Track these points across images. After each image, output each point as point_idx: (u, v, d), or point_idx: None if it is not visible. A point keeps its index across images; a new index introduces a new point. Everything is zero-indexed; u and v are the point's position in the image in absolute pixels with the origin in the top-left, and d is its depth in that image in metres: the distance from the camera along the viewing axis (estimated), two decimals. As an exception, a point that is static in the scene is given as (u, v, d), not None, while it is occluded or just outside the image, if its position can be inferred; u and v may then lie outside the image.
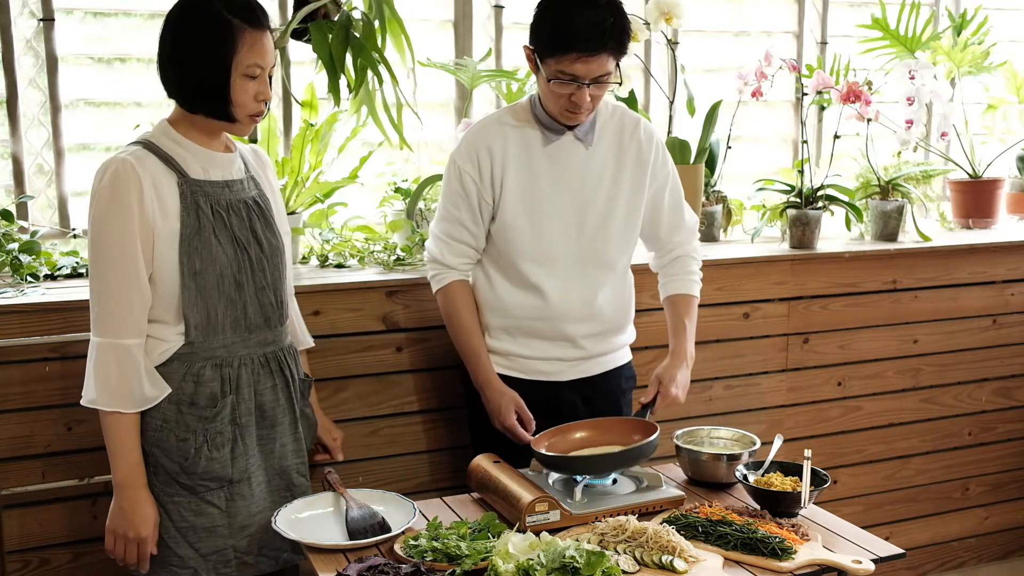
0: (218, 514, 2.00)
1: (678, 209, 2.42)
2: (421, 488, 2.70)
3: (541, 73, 2.16)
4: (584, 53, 2.07)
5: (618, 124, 2.32)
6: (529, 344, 2.33)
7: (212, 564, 2.01)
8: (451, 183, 2.29)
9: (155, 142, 1.95)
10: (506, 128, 2.27)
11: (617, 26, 2.09)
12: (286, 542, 2.06)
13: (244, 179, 2.05)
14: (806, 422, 3.17)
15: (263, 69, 1.92)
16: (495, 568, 1.69)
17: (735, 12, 3.52)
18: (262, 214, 2.05)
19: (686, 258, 2.44)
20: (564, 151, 2.27)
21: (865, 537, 1.93)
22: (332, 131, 2.83)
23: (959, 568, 3.53)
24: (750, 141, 3.52)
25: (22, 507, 2.36)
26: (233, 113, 1.93)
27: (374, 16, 2.63)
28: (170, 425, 1.96)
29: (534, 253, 2.27)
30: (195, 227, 1.93)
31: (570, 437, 2.21)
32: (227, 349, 1.99)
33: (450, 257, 2.32)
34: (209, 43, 1.87)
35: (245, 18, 1.89)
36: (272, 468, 2.08)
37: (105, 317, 1.90)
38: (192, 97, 1.93)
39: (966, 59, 3.56)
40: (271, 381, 2.07)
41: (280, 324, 2.10)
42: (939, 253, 3.24)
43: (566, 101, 2.15)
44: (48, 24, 2.68)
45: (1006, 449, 3.50)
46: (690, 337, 2.38)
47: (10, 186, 2.73)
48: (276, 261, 2.07)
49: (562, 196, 2.26)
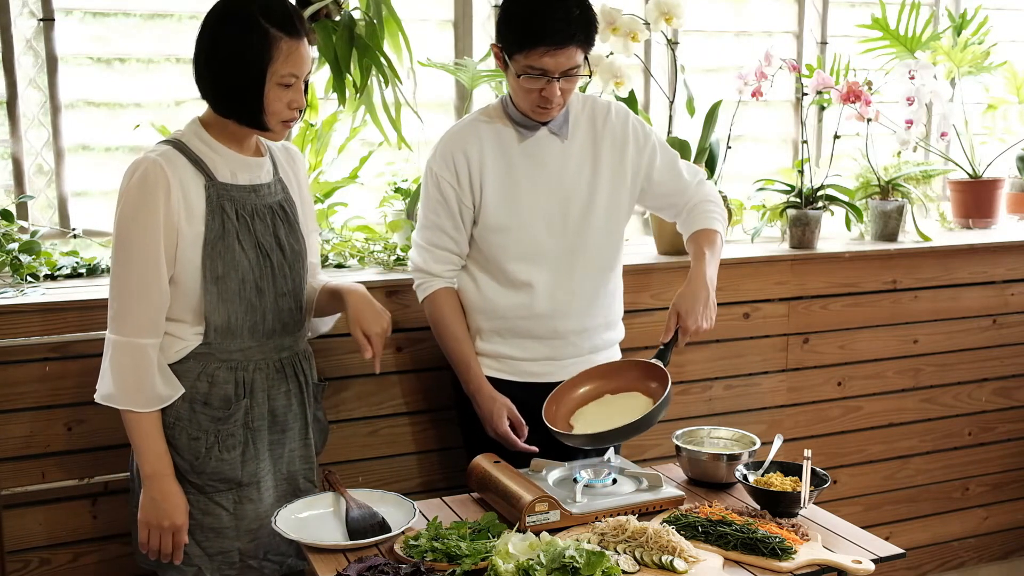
0: (226, 515, 2.01)
1: (675, 173, 2.37)
2: (421, 488, 2.70)
3: (510, 70, 2.16)
4: (552, 47, 2.07)
5: (590, 113, 2.31)
6: (520, 345, 2.32)
7: (217, 564, 2.01)
8: (429, 190, 2.29)
9: (186, 143, 1.95)
10: (480, 130, 2.26)
11: (583, 18, 2.10)
12: (291, 547, 2.06)
13: (272, 182, 2.05)
14: (806, 422, 3.17)
15: (298, 78, 1.91)
16: (495, 568, 1.69)
17: (735, 12, 3.52)
18: (286, 219, 2.05)
19: (700, 203, 2.37)
20: (541, 146, 2.26)
21: (865, 537, 1.93)
22: (332, 131, 2.83)
23: (959, 568, 3.53)
24: (750, 141, 3.52)
25: (22, 507, 2.36)
26: (266, 121, 1.92)
27: (372, 16, 2.63)
28: (182, 423, 1.97)
29: (520, 252, 2.27)
30: (219, 232, 1.93)
31: (575, 394, 2.18)
32: (243, 353, 1.99)
33: (434, 265, 2.32)
34: (246, 52, 1.86)
35: (283, 27, 1.88)
36: (280, 473, 2.09)
37: (123, 315, 1.91)
38: (225, 103, 1.93)
39: (966, 59, 3.55)
40: (285, 386, 2.07)
41: (298, 329, 2.10)
42: (939, 253, 3.24)
43: (536, 96, 2.15)
44: (48, 24, 2.68)
45: (1006, 449, 3.50)
46: (710, 263, 2.25)
47: (10, 186, 2.73)
48: (298, 267, 2.07)
49: (543, 192, 2.26)
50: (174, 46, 2.81)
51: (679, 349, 2.20)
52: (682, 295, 2.21)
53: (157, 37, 2.80)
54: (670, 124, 3.11)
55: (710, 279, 2.23)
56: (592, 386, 2.21)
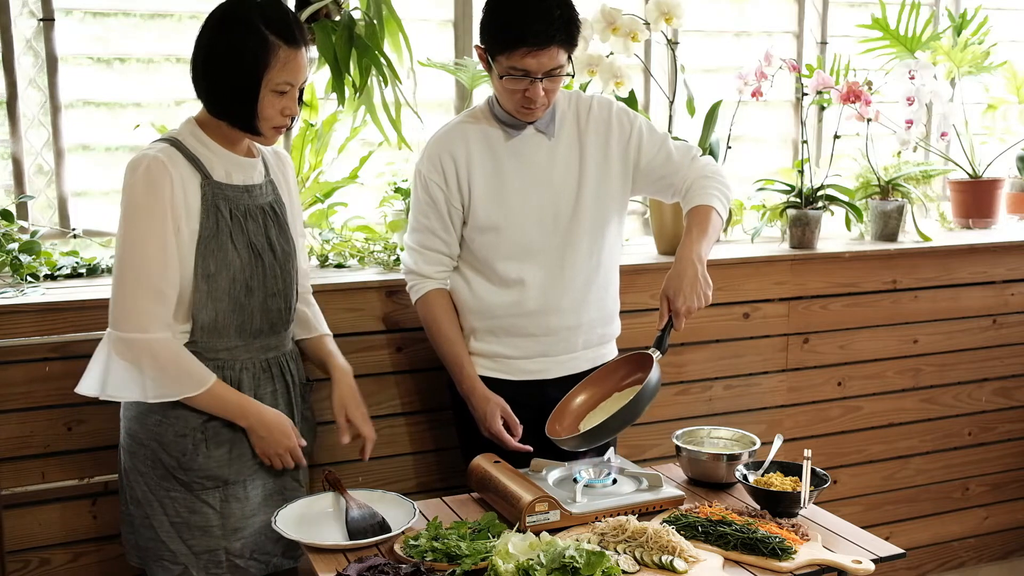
0: (212, 514, 2.01)
1: (665, 154, 2.33)
2: (421, 488, 2.70)
3: (494, 71, 2.16)
4: (534, 47, 2.07)
5: (575, 109, 2.31)
6: (514, 343, 2.32)
7: (203, 563, 2.01)
8: (418, 193, 2.30)
9: (182, 141, 1.95)
10: (467, 131, 2.27)
11: (565, 18, 2.10)
12: (277, 546, 2.07)
13: (263, 183, 2.06)
14: (806, 422, 3.17)
15: (293, 87, 1.93)
16: (495, 568, 1.69)
17: (735, 12, 3.52)
18: (277, 220, 2.06)
19: (699, 179, 2.30)
20: (528, 145, 2.26)
21: (865, 537, 1.93)
22: (332, 131, 2.83)
23: (959, 568, 3.53)
24: (750, 141, 3.52)
25: (22, 507, 2.36)
26: (258, 126, 1.94)
27: (372, 16, 2.63)
28: (169, 420, 1.97)
29: (510, 250, 2.27)
30: (213, 230, 1.94)
31: (572, 409, 2.18)
32: (230, 352, 2.00)
33: (425, 267, 2.32)
34: (244, 56, 1.87)
35: (282, 35, 1.89)
36: (267, 472, 2.08)
37: (148, 314, 1.90)
38: (220, 105, 1.94)
39: (966, 59, 3.55)
40: (271, 386, 2.07)
41: (284, 329, 2.11)
42: (939, 253, 3.24)
43: (520, 97, 2.15)
44: (48, 24, 2.68)
45: (1006, 449, 3.50)
46: (697, 239, 2.15)
47: (10, 186, 2.73)
48: (288, 267, 2.08)
49: (531, 190, 2.26)
50: (174, 46, 2.81)
51: (681, 350, 2.18)
52: (669, 277, 2.13)
53: (157, 37, 2.80)
54: (670, 124, 3.11)
55: (698, 256, 2.12)
56: (589, 394, 2.21)
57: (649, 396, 2.03)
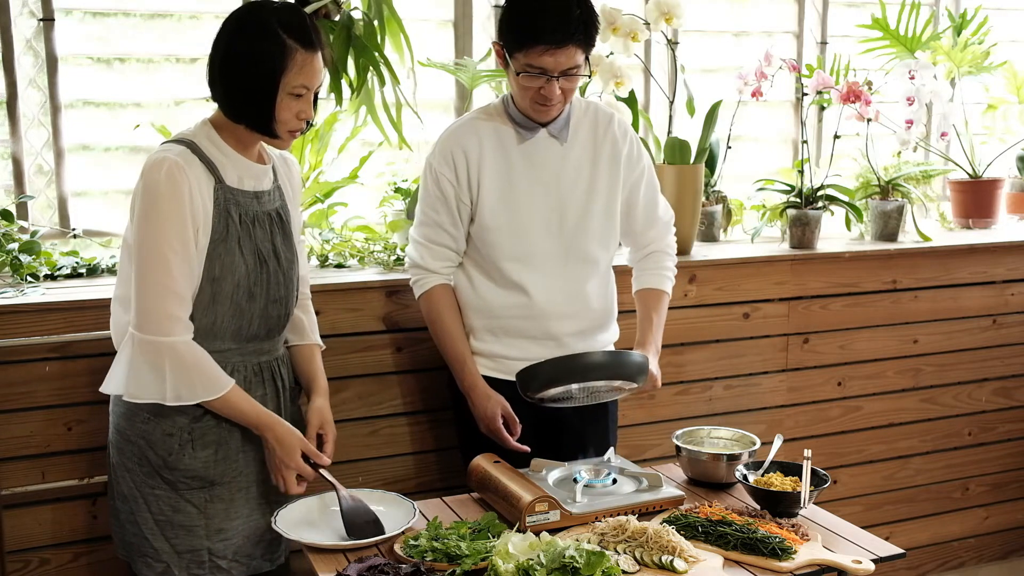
0: (196, 514, 2.01)
1: (653, 204, 2.41)
2: (421, 488, 2.70)
3: (510, 68, 2.17)
4: (551, 45, 2.08)
5: (592, 120, 2.32)
6: (514, 344, 2.32)
7: (186, 563, 2.01)
8: (428, 186, 2.30)
9: (198, 144, 1.95)
10: (480, 128, 2.27)
11: (584, 17, 2.10)
12: (258, 548, 2.07)
13: (272, 189, 2.06)
14: (806, 422, 3.17)
15: (309, 90, 1.93)
16: (495, 568, 1.69)
17: (735, 12, 3.52)
18: (283, 227, 2.07)
19: (660, 254, 2.45)
20: (539, 149, 2.27)
21: (865, 537, 1.93)
22: (332, 131, 2.83)
23: (959, 568, 3.53)
24: (750, 141, 3.52)
25: (22, 507, 2.36)
26: (275, 129, 1.94)
27: (373, 16, 2.63)
28: (157, 419, 1.97)
29: (515, 252, 2.27)
30: (223, 235, 1.94)
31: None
32: (222, 355, 1.99)
33: (431, 261, 2.32)
34: (262, 59, 1.88)
35: (299, 39, 1.89)
36: (254, 476, 2.08)
37: (171, 317, 1.89)
38: (237, 108, 1.94)
39: (966, 59, 3.56)
40: (261, 390, 2.07)
41: (279, 334, 2.11)
42: (939, 253, 3.24)
43: (535, 94, 2.16)
44: (48, 24, 2.68)
45: (1006, 449, 3.50)
46: (656, 329, 2.38)
47: (10, 186, 2.73)
48: (291, 274, 2.08)
49: (540, 194, 2.26)
50: (174, 46, 2.81)
51: (681, 350, 2.26)
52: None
53: (157, 37, 2.80)
54: (670, 124, 3.11)
55: (655, 346, 2.36)
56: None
57: (621, 356, 2.11)
